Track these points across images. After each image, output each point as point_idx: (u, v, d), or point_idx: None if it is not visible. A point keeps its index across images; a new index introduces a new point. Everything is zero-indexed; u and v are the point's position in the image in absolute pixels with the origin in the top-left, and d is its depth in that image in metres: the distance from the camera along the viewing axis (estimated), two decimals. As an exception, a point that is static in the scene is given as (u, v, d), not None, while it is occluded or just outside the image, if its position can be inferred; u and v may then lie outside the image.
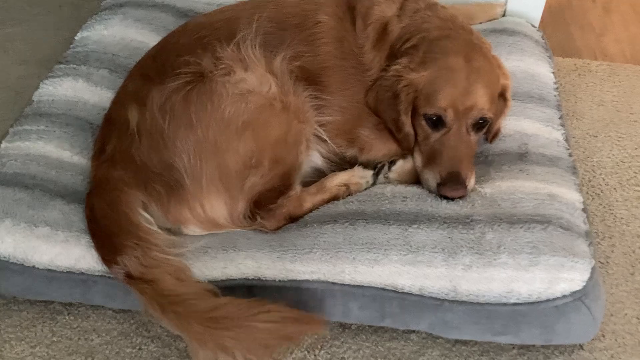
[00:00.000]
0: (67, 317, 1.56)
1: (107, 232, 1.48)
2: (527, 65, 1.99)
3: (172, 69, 1.57)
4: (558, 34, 2.63)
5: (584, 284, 1.44)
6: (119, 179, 1.51)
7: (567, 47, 2.56)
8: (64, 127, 1.77)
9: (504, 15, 2.29)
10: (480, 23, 2.21)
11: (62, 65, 1.98)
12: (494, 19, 2.24)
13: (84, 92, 1.89)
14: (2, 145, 1.72)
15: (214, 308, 1.36)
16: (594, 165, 2.00)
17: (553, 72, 2.04)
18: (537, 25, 2.29)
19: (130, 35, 2.09)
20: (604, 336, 1.55)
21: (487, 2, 2.26)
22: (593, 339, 1.53)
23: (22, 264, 1.50)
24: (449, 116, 1.57)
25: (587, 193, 1.91)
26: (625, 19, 2.73)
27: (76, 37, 2.11)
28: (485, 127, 1.64)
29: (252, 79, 1.56)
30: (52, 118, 1.80)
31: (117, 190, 1.51)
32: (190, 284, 1.45)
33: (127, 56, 2.02)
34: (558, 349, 1.51)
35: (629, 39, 2.60)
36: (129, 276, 1.43)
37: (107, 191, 1.52)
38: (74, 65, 1.97)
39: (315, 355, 1.49)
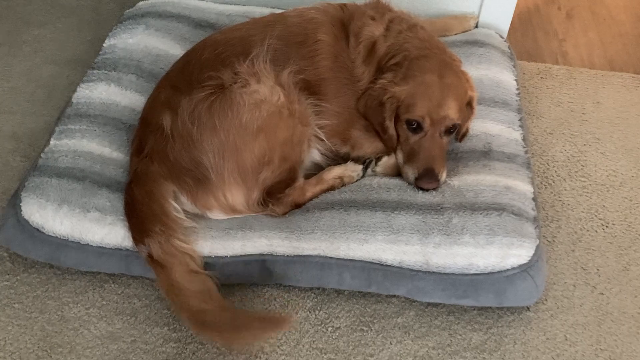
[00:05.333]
0: (112, 285, 1.87)
1: (141, 216, 1.77)
2: (493, 74, 2.30)
3: (197, 82, 1.85)
4: (525, 39, 2.94)
5: (530, 258, 1.76)
6: (156, 172, 1.80)
7: (532, 52, 2.86)
8: (102, 126, 2.05)
9: (476, 26, 2.58)
10: (456, 34, 2.52)
11: (95, 71, 2.25)
12: (467, 31, 2.52)
13: (116, 95, 2.16)
14: (52, 142, 2.00)
15: (201, 311, 1.63)
16: (548, 159, 2.30)
17: (516, 80, 2.34)
18: (505, 35, 2.60)
19: (152, 43, 2.35)
20: (546, 300, 1.87)
21: (462, 15, 2.55)
22: (537, 302, 1.85)
23: (78, 242, 1.80)
24: (426, 124, 1.88)
25: (541, 183, 2.22)
26: (585, 25, 3.04)
27: (104, 45, 2.36)
28: (455, 131, 1.96)
29: (264, 90, 1.82)
30: (91, 118, 2.07)
31: (155, 182, 1.80)
32: (192, 279, 1.70)
33: (151, 62, 2.29)
34: (509, 310, 1.83)
35: (586, 44, 2.91)
36: (150, 257, 1.72)
37: (145, 182, 1.81)
38: (106, 71, 2.24)
39: (315, 315, 1.82)
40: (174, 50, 2.35)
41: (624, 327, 1.83)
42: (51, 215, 1.81)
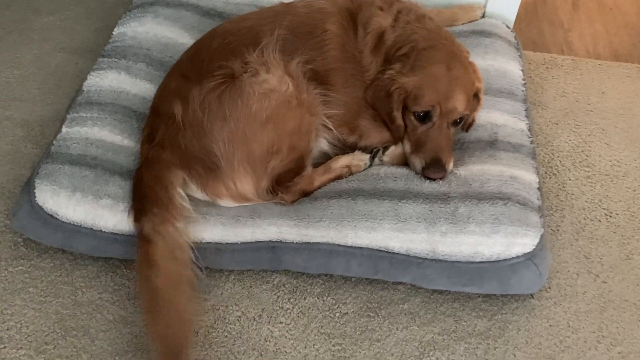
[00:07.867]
0: (124, 270, 1.90)
1: (144, 197, 1.79)
2: (500, 64, 2.31)
3: (207, 71, 1.87)
4: (531, 29, 2.95)
5: (534, 247, 1.79)
6: (167, 159, 1.83)
7: (538, 42, 2.87)
8: (113, 114, 2.07)
9: (483, 16, 2.58)
10: (463, 24, 2.53)
11: (105, 59, 2.26)
12: (474, 21, 2.53)
13: (126, 83, 2.18)
14: (64, 130, 2.02)
15: (159, 291, 1.66)
16: (553, 149, 2.33)
17: (522, 70, 2.35)
18: (511, 25, 2.61)
19: (161, 32, 2.36)
20: (550, 288, 1.91)
21: (469, 5, 2.55)
22: (541, 290, 1.88)
23: (92, 229, 1.83)
24: (433, 115, 1.89)
25: (546, 173, 2.24)
26: (590, 16, 3.05)
27: (114, 33, 2.37)
28: (462, 122, 1.99)
29: (273, 80, 1.84)
30: (102, 106, 2.09)
31: (165, 168, 1.82)
32: (170, 263, 1.70)
33: (160, 51, 2.31)
34: (513, 297, 1.87)
35: (591, 35, 2.92)
36: (141, 233, 1.73)
37: (156, 167, 1.83)
38: (115, 59, 2.25)
39: (323, 301, 1.86)
40: (182, 38, 2.37)
41: (626, 315, 1.87)
42: (65, 202, 1.84)
